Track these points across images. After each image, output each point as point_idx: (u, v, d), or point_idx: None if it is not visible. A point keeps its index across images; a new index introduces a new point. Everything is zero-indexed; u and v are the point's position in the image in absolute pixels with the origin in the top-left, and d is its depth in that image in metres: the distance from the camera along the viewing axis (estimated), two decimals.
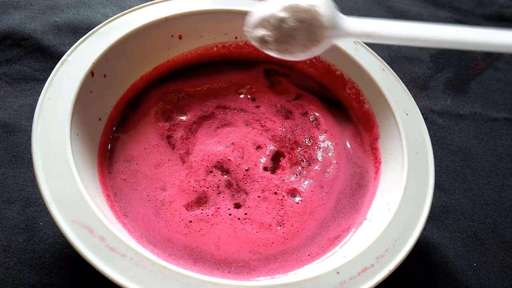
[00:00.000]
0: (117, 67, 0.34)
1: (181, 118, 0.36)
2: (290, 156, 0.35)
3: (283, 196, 0.33)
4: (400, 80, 0.36)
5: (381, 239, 0.28)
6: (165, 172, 0.33)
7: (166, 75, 0.38)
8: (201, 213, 0.31)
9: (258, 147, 0.35)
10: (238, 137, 0.35)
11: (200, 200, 0.32)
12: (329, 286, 0.25)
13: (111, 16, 0.35)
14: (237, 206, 0.32)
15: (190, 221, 0.30)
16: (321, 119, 0.38)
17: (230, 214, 0.31)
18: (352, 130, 0.38)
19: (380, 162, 0.35)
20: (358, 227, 0.32)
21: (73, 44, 0.32)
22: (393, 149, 0.33)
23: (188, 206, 0.31)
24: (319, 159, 0.35)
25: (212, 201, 0.32)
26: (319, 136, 0.37)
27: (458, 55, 0.51)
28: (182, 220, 0.30)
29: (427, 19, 0.54)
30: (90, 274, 0.28)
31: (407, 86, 0.36)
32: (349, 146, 0.37)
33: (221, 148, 0.34)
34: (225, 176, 0.33)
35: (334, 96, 0.40)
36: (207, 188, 0.32)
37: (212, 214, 0.31)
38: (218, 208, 0.31)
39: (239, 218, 0.31)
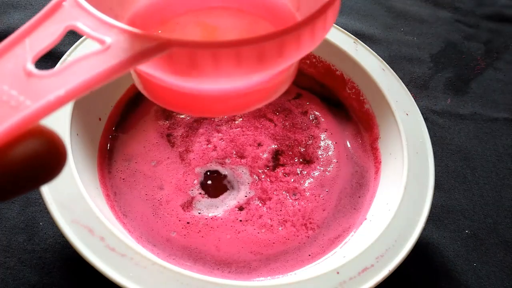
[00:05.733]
0: None
1: (182, 116, 0.36)
2: (290, 154, 0.35)
3: (284, 195, 0.33)
4: (400, 80, 0.36)
5: (381, 239, 0.28)
6: (163, 171, 0.33)
7: None
8: (199, 213, 0.31)
9: (259, 146, 0.35)
10: (238, 136, 0.35)
11: (197, 200, 0.32)
12: (329, 286, 0.25)
13: None
14: (237, 206, 0.32)
15: (188, 222, 0.30)
16: (321, 118, 0.38)
17: (230, 215, 0.31)
18: (352, 130, 0.38)
19: (380, 162, 0.35)
20: (358, 227, 0.32)
21: (73, 44, 0.32)
22: (393, 149, 0.33)
23: (184, 206, 0.31)
24: (320, 158, 0.35)
25: (211, 201, 0.32)
26: (320, 135, 0.37)
27: (458, 55, 0.51)
28: (180, 220, 0.30)
29: (427, 19, 0.54)
30: (90, 274, 0.28)
31: (407, 86, 0.36)
32: (349, 146, 0.37)
33: (221, 146, 0.34)
34: (225, 175, 0.33)
35: (334, 95, 0.39)
36: (206, 187, 0.32)
37: (211, 216, 0.31)
38: (218, 208, 0.31)
39: (240, 220, 0.31)
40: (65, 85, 0.12)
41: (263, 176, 0.33)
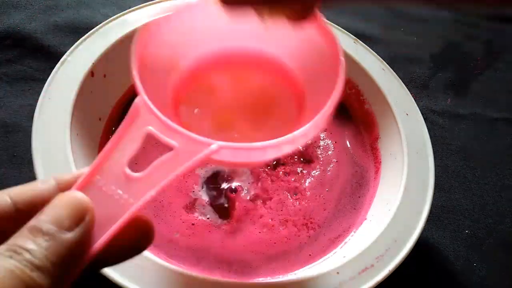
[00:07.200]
0: (117, 67, 0.34)
1: None
2: (290, 154, 0.35)
3: (285, 195, 0.33)
4: (400, 80, 0.36)
5: (381, 239, 0.28)
6: None
7: None
8: (201, 214, 0.31)
9: None
10: None
11: (199, 201, 0.32)
12: (329, 286, 0.25)
13: (111, 16, 0.35)
14: (238, 206, 0.32)
15: (190, 223, 0.30)
16: None
17: (230, 215, 0.31)
18: (352, 130, 0.38)
19: (380, 162, 0.35)
20: (358, 227, 0.32)
21: (73, 44, 0.32)
22: (393, 149, 0.33)
23: (186, 208, 0.31)
24: (320, 158, 0.35)
25: (212, 201, 0.32)
26: (319, 135, 0.37)
27: (458, 55, 0.51)
28: (183, 222, 0.30)
29: (427, 19, 0.54)
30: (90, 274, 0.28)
31: (407, 86, 0.36)
32: (349, 146, 0.37)
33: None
34: (225, 175, 0.33)
35: None
36: (206, 187, 0.32)
37: (211, 216, 0.31)
38: (218, 208, 0.31)
39: (241, 220, 0.31)
40: (154, 186, 0.16)
41: (263, 175, 0.33)
